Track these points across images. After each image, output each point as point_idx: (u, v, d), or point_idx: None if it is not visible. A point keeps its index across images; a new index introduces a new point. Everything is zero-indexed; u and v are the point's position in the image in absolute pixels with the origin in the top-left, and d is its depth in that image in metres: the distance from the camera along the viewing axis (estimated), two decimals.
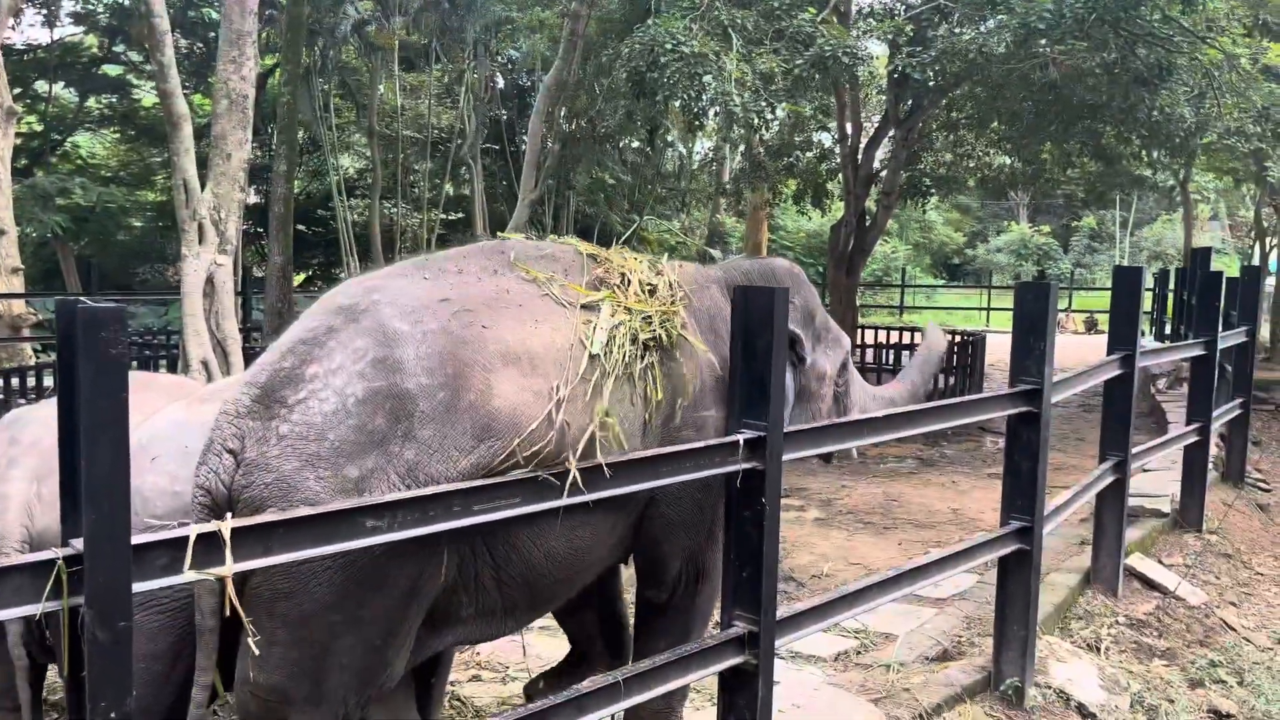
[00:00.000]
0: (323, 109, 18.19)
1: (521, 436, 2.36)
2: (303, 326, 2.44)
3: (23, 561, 1.64)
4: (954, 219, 32.49)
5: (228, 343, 7.30)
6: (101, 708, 1.67)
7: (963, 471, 8.29)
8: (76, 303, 1.65)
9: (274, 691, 2.31)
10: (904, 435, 3.45)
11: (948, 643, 4.36)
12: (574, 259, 2.80)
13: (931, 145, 13.47)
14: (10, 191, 12.61)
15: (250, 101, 7.56)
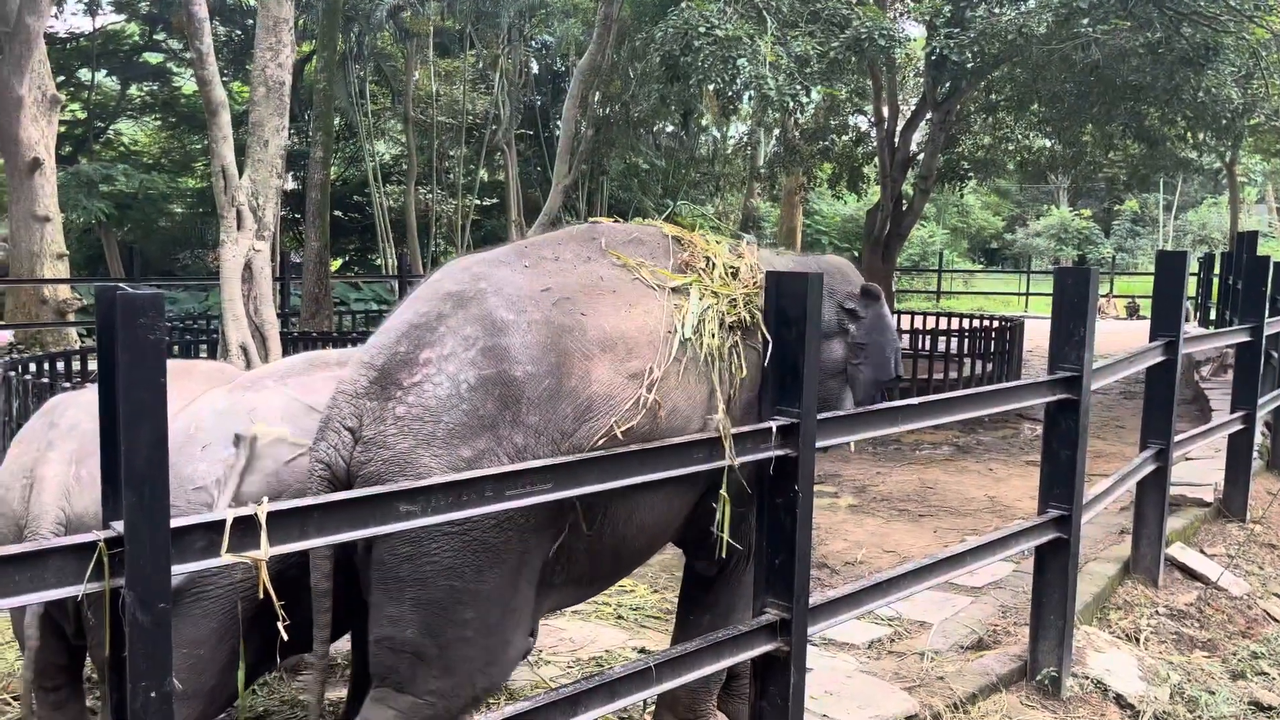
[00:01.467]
0: (358, 95, 18.31)
1: (618, 417, 2.48)
2: (413, 311, 2.55)
3: (65, 543, 1.67)
4: (992, 203, 32.08)
5: (266, 328, 7.38)
6: (142, 687, 1.70)
7: (999, 459, 8.20)
8: (116, 289, 1.67)
9: (407, 645, 2.44)
10: (940, 422, 3.41)
11: (983, 631, 4.33)
12: (660, 242, 2.88)
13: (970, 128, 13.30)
14: (55, 178, 12.85)
15: (287, 88, 7.62)
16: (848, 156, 13.83)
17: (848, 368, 3.14)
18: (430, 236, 19.76)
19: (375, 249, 19.94)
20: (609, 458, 2.41)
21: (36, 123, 12.22)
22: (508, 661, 2.53)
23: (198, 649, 2.47)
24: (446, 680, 2.45)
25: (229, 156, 7.31)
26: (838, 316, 3.14)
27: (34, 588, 1.63)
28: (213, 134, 7.44)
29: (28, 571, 1.61)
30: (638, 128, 16.26)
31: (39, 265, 12.49)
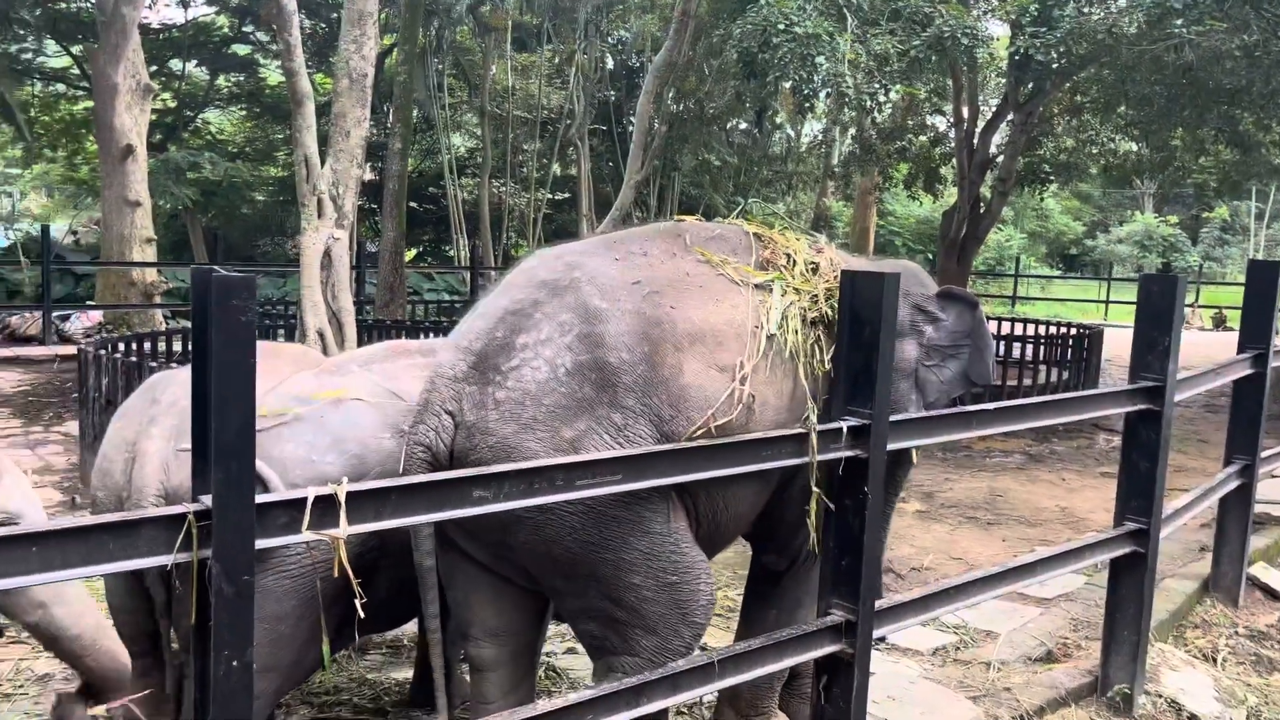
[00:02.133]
0: (436, 89, 18.58)
1: (713, 408, 2.54)
2: (509, 298, 2.63)
3: (158, 514, 1.74)
4: (1073, 207, 31.26)
5: (342, 314, 7.53)
6: (225, 656, 1.76)
7: (1073, 469, 8.01)
8: (211, 271, 1.73)
9: (598, 615, 2.59)
10: (1015, 429, 3.35)
11: (1052, 644, 4.24)
12: (742, 239, 2.93)
13: (1052, 130, 12.99)
14: (146, 165, 13.29)
15: (369, 80, 7.77)
16: (925, 157, 13.60)
17: (919, 370, 3.11)
18: (502, 229, 19.97)
19: (449, 240, 20.22)
20: (676, 451, 2.43)
21: (130, 111, 12.66)
22: (701, 608, 2.61)
23: (279, 625, 2.54)
24: (653, 637, 2.56)
25: (312, 146, 7.48)
26: (911, 318, 3.11)
27: (127, 555, 1.70)
28: (297, 124, 7.62)
29: (122, 540, 1.69)
30: (711, 124, 16.22)
31: (128, 249, 12.95)
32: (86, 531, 1.67)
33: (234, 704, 1.77)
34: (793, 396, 2.72)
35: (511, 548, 2.58)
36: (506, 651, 2.76)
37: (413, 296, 14.96)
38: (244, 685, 1.77)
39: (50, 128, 19.12)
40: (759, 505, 2.87)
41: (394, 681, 3.70)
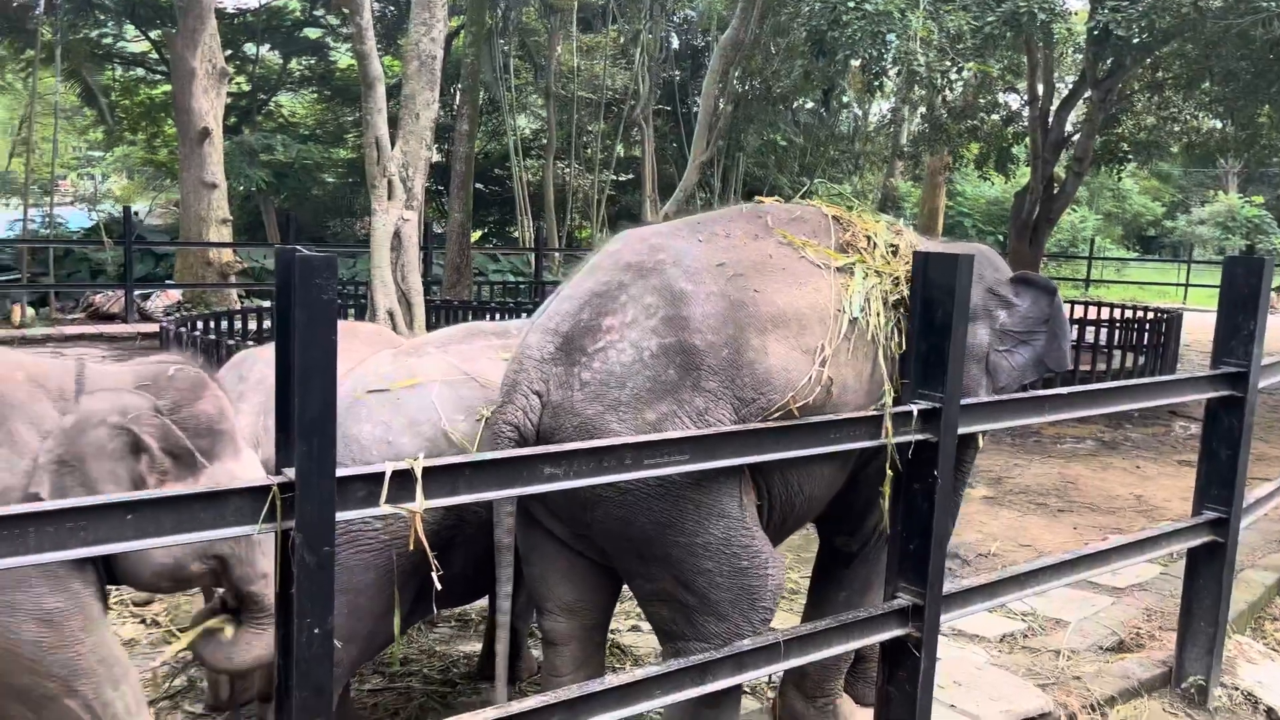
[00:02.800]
0: (503, 70, 18.69)
1: (795, 391, 2.54)
2: (594, 280, 2.66)
3: (244, 485, 1.80)
4: (1151, 187, 30.31)
5: (412, 294, 7.67)
6: (307, 623, 1.82)
7: (1148, 456, 7.82)
8: (294, 251, 1.78)
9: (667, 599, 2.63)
10: (1089, 414, 3.28)
11: (1124, 633, 4.16)
12: (821, 222, 2.91)
13: (1132, 107, 12.61)
14: (222, 147, 13.63)
15: (439, 62, 7.86)
16: (997, 136, 13.31)
17: (990, 354, 3.07)
18: (567, 211, 20.06)
19: (513, 222, 20.37)
20: (745, 432, 2.43)
21: (207, 94, 12.98)
22: (769, 593, 2.63)
23: (358, 596, 2.62)
24: (721, 623, 2.59)
25: (383, 128, 7.60)
26: (984, 302, 3.06)
27: (216, 525, 1.76)
28: (368, 106, 7.74)
29: (212, 510, 1.75)
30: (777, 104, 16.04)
31: (205, 229, 13.32)
32: (179, 501, 1.74)
33: (315, 670, 1.83)
34: (872, 379, 2.72)
35: (589, 526, 2.61)
36: (579, 626, 2.80)
37: (478, 277, 15.12)
38: (325, 652, 1.83)
39: (130, 111, 19.69)
40: (834, 488, 2.86)
41: (461, 654, 3.79)
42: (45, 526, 1.61)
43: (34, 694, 2.20)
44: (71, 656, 2.20)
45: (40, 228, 16.43)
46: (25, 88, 17.27)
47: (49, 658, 2.17)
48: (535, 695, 2.22)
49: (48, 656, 2.17)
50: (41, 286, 13.84)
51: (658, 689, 2.35)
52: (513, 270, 18.00)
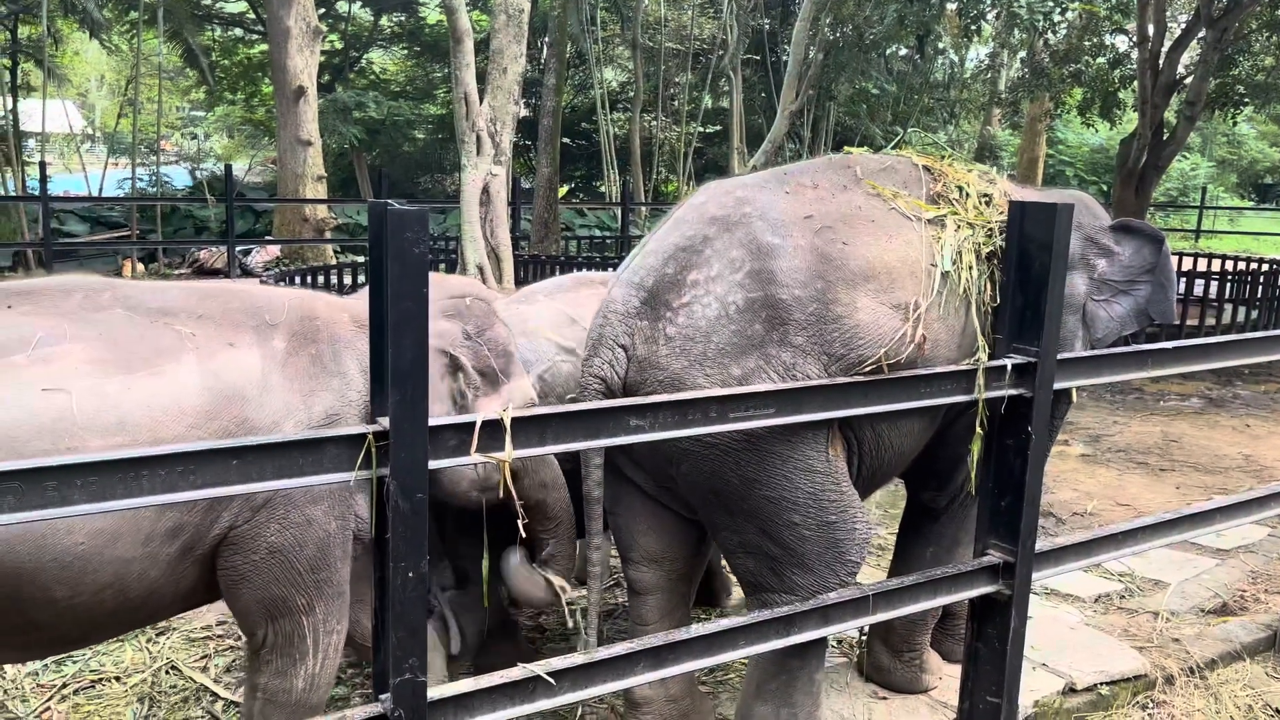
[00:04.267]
0: (589, 22, 18.57)
1: (885, 347, 2.50)
2: (679, 234, 2.64)
3: (341, 433, 1.86)
4: (1270, 133, 28.64)
5: (500, 249, 7.76)
6: (401, 567, 1.88)
7: (1258, 415, 7.49)
8: (386, 205, 1.81)
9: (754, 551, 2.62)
10: (1194, 369, 3.15)
11: (1228, 596, 4.03)
12: (911, 172, 2.85)
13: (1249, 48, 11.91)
14: (316, 105, 13.91)
15: (526, 16, 7.85)
16: (1102, 80, 12.70)
17: (1087, 304, 2.97)
18: (653, 165, 19.95)
19: (600, 176, 20.37)
20: (832, 386, 2.40)
21: (301, 53, 13.22)
22: (856, 547, 2.62)
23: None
24: (807, 576, 2.60)
25: (471, 83, 7.65)
26: (1082, 250, 2.96)
27: (315, 471, 1.83)
28: (456, 61, 7.79)
29: (311, 456, 1.81)
30: (869, 51, 15.58)
31: (302, 186, 13.65)
32: (280, 447, 1.80)
33: (410, 611, 1.89)
34: (964, 333, 2.66)
35: (675, 479, 2.63)
36: (664, 576, 2.84)
37: (565, 232, 15.20)
38: (419, 594, 1.89)
39: (229, 71, 20.22)
40: (923, 443, 2.82)
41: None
42: (158, 470, 1.69)
43: (282, 605, 2.32)
44: (326, 579, 2.34)
45: (148, 186, 17.08)
46: (130, 49, 17.86)
47: (312, 575, 2.32)
48: (621, 643, 2.26)
49: (312, 574, 2.31)
50: (150, 243, 14.42)
51: (743, 639, 2.36)
52: (599, 225, 18.04)
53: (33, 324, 2.12)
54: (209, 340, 2.26)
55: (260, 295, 2.48)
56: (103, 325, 2.19)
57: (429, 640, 2.80)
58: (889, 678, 3.16)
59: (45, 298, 2.22)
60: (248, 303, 2.42)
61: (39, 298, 2.21)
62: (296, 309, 2.45)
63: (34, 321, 2.13)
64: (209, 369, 2.21)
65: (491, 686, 2.02)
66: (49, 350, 2.08)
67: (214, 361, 2.23)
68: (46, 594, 2.05)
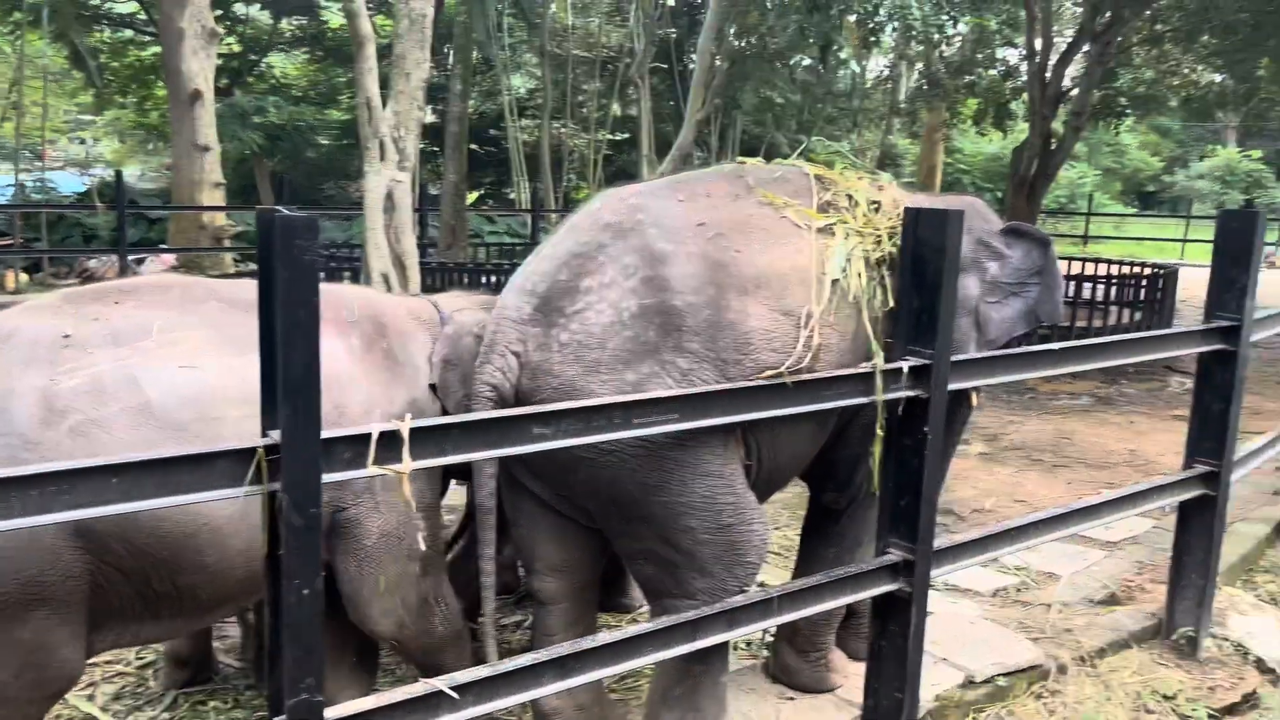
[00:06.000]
0: (496, 28, 18.44)
1: (778, 353, 2.52)
2: (573, 240, 2.64)
3: (230, 448, 1.79)
4: (1150, 142, 30.12)
5: (405, 257, 7.61)
6: (295, 584, 1.83)
7: (1142, 412, 7.84)
8: (275, 212, 1.76)
9: (653, 558, 2.63)
10: (1082, 369, 3.27)
11: (1116, 587, 4.19)
12: (803, 181, 2.89)
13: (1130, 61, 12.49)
14: (213, 110, 13.49)
15: (429, 21, 7.74)
16: (994, 91, 13.18)
17: (980, 306, 3.06)
18: (563, 171, 19.92)
19: (509, 183, 20.25)
20: (736, 391, 2.43)
21: (196, 55, 12.81)
22: (753, 549, 2.64)
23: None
24: (706, 580, 2.60)
25: (374, 89, 7.50)
26: (974, 253, 3.05)
27: (202, 487, 1.76)
28: (358, 66, 7.64)
29: (198, 472, 1.75)
30: (774, 61, 15.86)
31: (198, 193, 13.20)
32: (164, 464, 1.74)
33: (305, 630, 1.84)
34: (855, 338, 2.71)
35: (572, 487, 2.61)
36: (569, 585, 2.82)
37: (474, 239, 15.05)
38: (313, 612, 1.84)
39: (120, 74, 19.47)
40: (819, 444, 2.87)
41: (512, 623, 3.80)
42: (29, 490, 1.61)
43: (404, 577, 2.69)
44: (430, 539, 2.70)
45: (32, 193, 16.32)
46: (14, 51, 17.06)
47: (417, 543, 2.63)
48: (526, 654, 2.23)
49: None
50: (35, 252, 13.77)
51: (649, 645, 2.36)
52: (509, 232, 17.92)
53: (147, 314, 2.37)
54: None
55: (329, 292, 2.65)
56: (205, 314, 2.43)
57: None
58: (796, 678, 3.19)
59: (147, 293, 2.46)
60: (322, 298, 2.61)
61: (141, 294, 2.45)
62: (365, 305, 2.73)
63: (147, 313, 2.37)
64: None
65: (392, 703, 1.97)
66: (171, 335, 2.33)
67: None
68: (199, 559, 2.29)
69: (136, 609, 2.35)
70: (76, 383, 2.21)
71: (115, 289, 2.48)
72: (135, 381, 2.25)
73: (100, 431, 2.19)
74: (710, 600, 2.56)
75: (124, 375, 2.25)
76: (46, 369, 2.22)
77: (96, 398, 2.21)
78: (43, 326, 2.30)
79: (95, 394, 2.22)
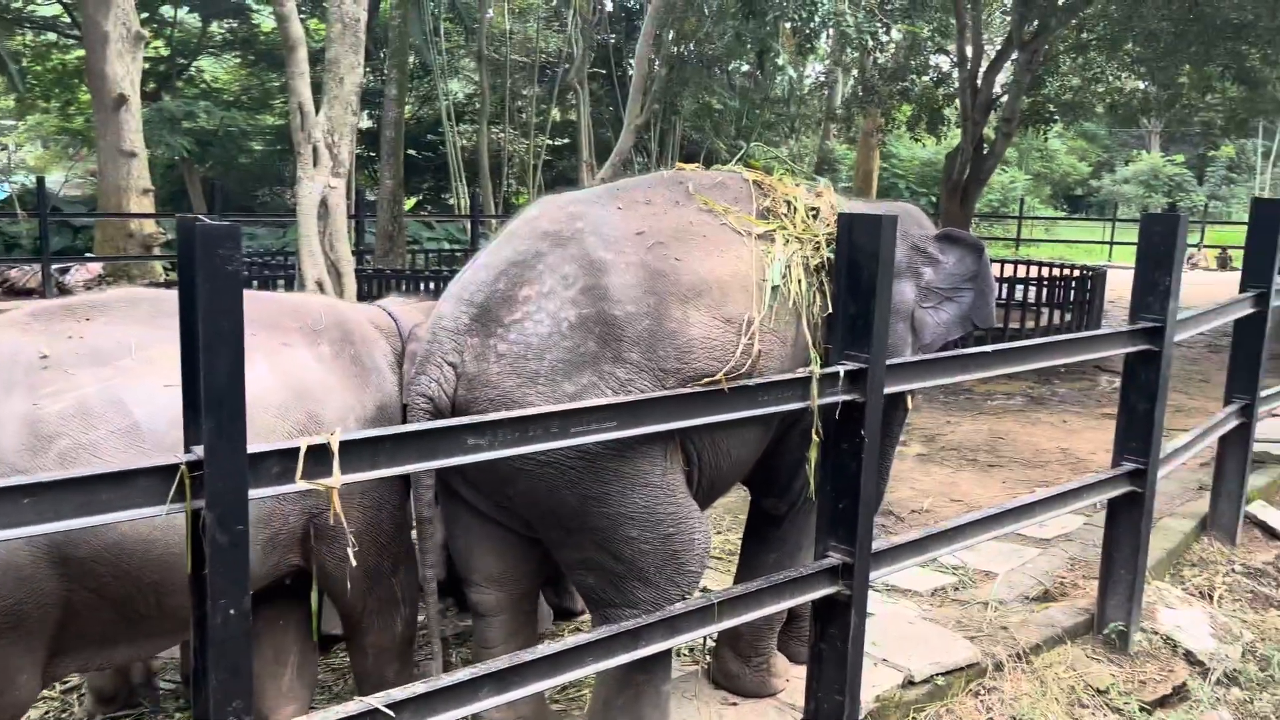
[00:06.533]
0: (433, 33, 18.30)
1: (719, 361, 2.51)
2: (511, 248, 2.60)
3: (151, 465, 1.73)
4: (1078, 147, 30.94)
5: (341, 264, 7.49)
6: (221, 604, 1.77)
7: (1074, 411, 8.02)
8: (195, 221, 1.71)
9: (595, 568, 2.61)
10: (1014, 371, 3.33)
11: (1050, 583, 4.28)
12: (742, 188, 2.89)
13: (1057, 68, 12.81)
14: (140, 115, 13.14)
15: (363, 25, 7.63)
16: (928, 98, 13.42)
17: (915, 311, 3.09)
18: (502, 176, 19.81)
19: (448, 188, 20.07)
20: (673, 398, 2.42)
21: (121, 59, 12.49)
22: (695, 558, 2.63)
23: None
24: (648, 589, 2.58)
25: (306, 93, 7.38)
26: (909, 259, 3.09)
27: (123, 506, 1.70)
28: (290, 71, 7.51)
29: (117, 491, 1.69)
30: (712, 67, 15.97)
31: (125, 200, 12.86)
32: (82, 483, 1.67)
33: (232, 651, 1.78)
34: (795, 344, 2.72)
35: (511, 498, 2.58)
36: (507, 597, 2.78)
37: (412, 245, 14.88)
38: (241, 632, 1.79)
39: (43, 78, 18.90)
40: (759, 451, 2.87)
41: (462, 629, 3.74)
42: None
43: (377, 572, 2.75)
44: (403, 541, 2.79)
45: None
46: None
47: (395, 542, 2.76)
48: (465, 668, 2.20)
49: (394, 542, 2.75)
50: None
51: (590, 656, 2.34)
52: (448, 238, 17.75)
53: (122, 331, 2.34)
54: (269, 341, 2.50)
55: (294, 300, 2.79)
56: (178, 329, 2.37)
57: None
58: (738, 683, 3.20)
59: (117, 308, 2.43)
60: (286, 307, 2.70)
61: (111, 309, 2.41)
62: (331, 312, 2.76)
63: (121, 329, 2.34)
64: (278, 367, 2.47)
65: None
66: (149, 352, 2.29)
67: (279, 360, 2.49)
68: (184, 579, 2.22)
69: (113, 632, 2.32)
70: (62, 406, 2.18)
71: (83, 304, 2.44)
72: (121, 403, 2.22)
73: (90, 456, 2.15)
74: (653, 609, 2.55)
75: (109, 397, 2.22)
76: (27, 393, 2.17)
77: (84, 421, 2.18)
78: (17, 346, 2.24)
79: (82, 417, 2.18)
